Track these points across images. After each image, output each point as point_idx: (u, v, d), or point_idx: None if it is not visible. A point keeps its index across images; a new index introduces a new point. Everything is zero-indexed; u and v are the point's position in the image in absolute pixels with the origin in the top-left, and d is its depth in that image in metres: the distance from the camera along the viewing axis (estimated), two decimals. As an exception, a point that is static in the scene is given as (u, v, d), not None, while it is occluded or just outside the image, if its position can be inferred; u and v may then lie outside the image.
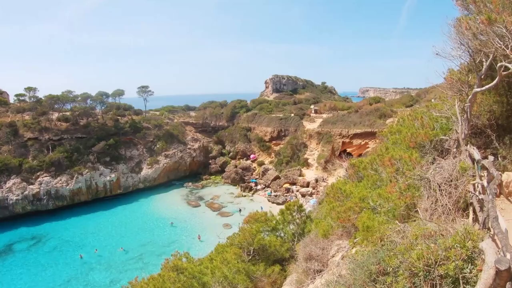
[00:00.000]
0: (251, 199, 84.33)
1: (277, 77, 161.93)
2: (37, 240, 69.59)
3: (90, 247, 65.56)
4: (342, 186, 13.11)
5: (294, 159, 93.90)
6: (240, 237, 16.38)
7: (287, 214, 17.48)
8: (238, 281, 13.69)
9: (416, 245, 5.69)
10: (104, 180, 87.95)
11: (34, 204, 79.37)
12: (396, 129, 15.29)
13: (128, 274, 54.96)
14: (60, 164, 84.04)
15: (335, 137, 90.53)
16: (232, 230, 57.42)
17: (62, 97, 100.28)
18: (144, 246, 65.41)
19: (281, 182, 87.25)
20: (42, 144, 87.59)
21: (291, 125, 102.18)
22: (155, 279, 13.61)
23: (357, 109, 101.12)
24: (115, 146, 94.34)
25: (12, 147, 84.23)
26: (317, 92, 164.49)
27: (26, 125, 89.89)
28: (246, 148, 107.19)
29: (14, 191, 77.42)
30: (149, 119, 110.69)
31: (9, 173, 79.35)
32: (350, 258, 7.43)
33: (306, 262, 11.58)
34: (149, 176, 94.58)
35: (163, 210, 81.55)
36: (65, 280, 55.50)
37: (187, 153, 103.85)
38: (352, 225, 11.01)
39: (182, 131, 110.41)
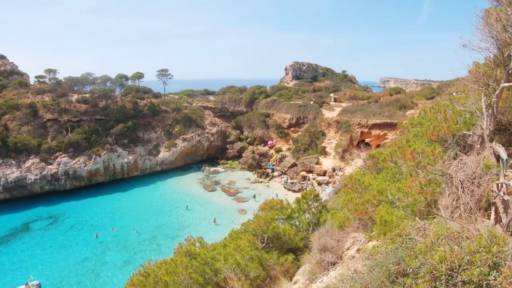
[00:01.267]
0: (267, 186, 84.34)
1: (297, 64, 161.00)
2: (54, 219, 70.49)
3: (106, 227, 66.31)
4: (360, 178, 12.86)
5: (311, 147, 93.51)
6: (254, 224, 16.26)
7: (303, 203, 17.30)
8: (251, 268, 13.58)
9: (438, 246, 5.46)
10: (121, 162, 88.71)
11: (52, 184, 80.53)
12: (418, 122, 14.98)
13: (142, 255, 55.65)
14: (78, 145, 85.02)
15: (354, 127, 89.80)
16: (247, 216, 57.62)
17: (82, 79, 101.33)
18: (158, 228, 65.94)
19: (298, 169, 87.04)
20: (61, 125, 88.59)
21: (310, 113, 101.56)
22: (167, 263, 13.54)
23: (377, 99, 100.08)
24: (134, 129, 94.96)
25: (31, 127, 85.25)
26: (337, 81, 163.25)
27: (46, 106, 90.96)
28: (264, 134, 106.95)
29: (33, 171, 78.41)
30: (168, 102, 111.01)
31: (28, 153, 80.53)
32: (367, 254, 7.21)
33: (321, 253, 11.40)
34: (166, 159, 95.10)
35: (179, 193, 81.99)
36: (81, 259, 56.24)
37: (205, 137, 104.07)
38: (369, 218, 10.79)
39: (201, 115, 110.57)
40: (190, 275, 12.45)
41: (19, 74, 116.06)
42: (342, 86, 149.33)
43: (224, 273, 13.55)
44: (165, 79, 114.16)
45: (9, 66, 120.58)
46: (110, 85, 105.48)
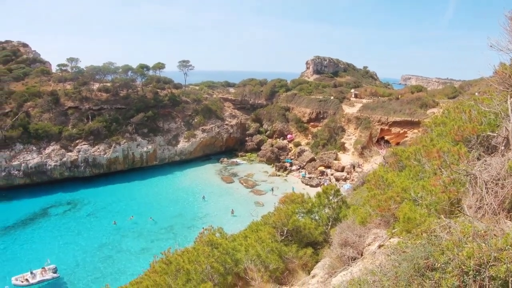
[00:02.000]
0: (285, 179, 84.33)
1: (319, 58, 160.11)
2: (73, 205, 71.41)
3: (123, 215, 67.09)
4: (384, 174, 12.90)
5: (330, 142, 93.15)
6: (275, 217, 16.38)
7: (324, 198, 17.36)
8: (271, 260, 13.74)
9: (465, 243, 5.57)
10: (141, 151, 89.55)
11: (72, 170, 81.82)
12: (441, 121, 14.95)
13: (158, 243, 56.39)
14: (99, 133, 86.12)
15: (374, 123, 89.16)
16: (264, 209, 57.80)
17: (104, 68, 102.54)
18: (175, 217, 66.52)
19: (316, 164, 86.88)
20: (82, 113, 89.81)
21: (330, 108, 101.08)
22: (189, 252, 13.76)
23: (398, 96, 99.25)
24: (154, 118, 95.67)
25: (52, 115, 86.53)
26: (358, 76, 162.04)
27: (67, 94, 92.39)
28: (283, 127, 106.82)
29: (53, 157, 79.56)
30: (189, 93, 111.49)
31: (49, 140, 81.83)
32: (392, 249, 7.31)
33: (341, 247, 11.48)
34: (185, 149, 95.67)
35: (196, 183, 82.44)
36: (98, 245, 57.02)
37: (224, 129, 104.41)
38: (391, 215, 10.84)
39: (221, 107, 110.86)
40: (212, 264, 12.67)
41: (41, 62, 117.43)
42: (363, 82, 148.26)
43: (244, 264, 13.72)
44: (186, 70, 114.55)
45: (31, 54, 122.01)
46: (131, 74, 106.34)
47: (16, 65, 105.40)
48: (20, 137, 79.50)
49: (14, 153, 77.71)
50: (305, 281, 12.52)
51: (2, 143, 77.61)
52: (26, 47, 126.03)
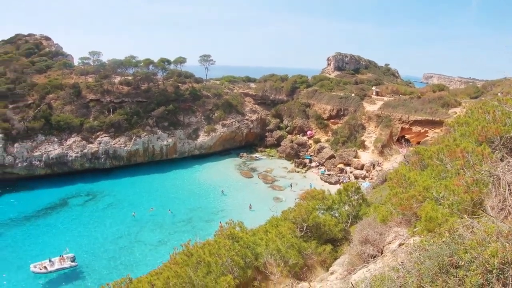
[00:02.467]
0: (304, 176, 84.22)
1: (340, 55, 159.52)
2: (92, 196, 72.24)
3: (142, 207, 67.72)
4: (406, 173, 12.89)
5: (350, 139, 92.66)
6: (295, 213, 16.46)
7: (344, 195, 17.39)
8: (291, 255, 13.83)
9: (488, 242, 5.62)
10: (161, 144, 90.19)
11: (92, 162, 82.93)
12: (464, 121, 14.87)
13: (176, 236, 56.85)
14: (119, 125, 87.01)
15: (395, 122, 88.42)
16: (283, 204, 57.87)
17: (125, 62, 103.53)
18: (194, 210, 66.93)
19: (336, 161, 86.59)
20: (103, 106, 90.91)
21: (351, 105, 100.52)
22: (210, 245, 13.89)
23: (420, 95, 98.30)
24: (174, 112, 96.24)
25: (74, 107, 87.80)
26: (379, 74, 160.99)
27: (89, 87, 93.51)
28: (303, 124, 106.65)
29: (74, 148, 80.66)
30: (209, 87, 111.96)
31: (70, 131, 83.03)
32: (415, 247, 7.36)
33: (361, 245, 11.52)
34: (205, 143, 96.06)
35: (215, 177, 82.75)
36: (116, 236, 57.73)
37: (245, 124, 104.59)
38: (413, 214, 10.85)
39: (241, 102, 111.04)
40: (232, 258, 12.78)
41: (63, 55, 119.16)
42: (384, 80, 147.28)
43: (264, 258, 13.83)
44: (207, 65, 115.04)
45: (54, 48, 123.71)
46: (152, 68, 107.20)
47: (39, 58, 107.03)
48: (42, 128, 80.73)
49: (35, 144, 78.94)
50: (324, 278, 12.57)
51: (24, 134, 78.84)
52: (49, 40, 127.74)
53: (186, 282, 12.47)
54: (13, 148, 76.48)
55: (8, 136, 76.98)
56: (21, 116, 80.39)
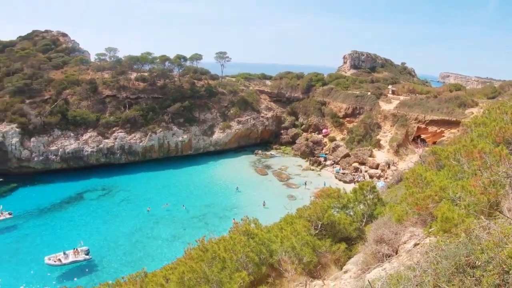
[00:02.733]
0: (318, 174, 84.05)
1: (356, 53, 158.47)
2: (108, 191, 72.85)
3: (157, 202, 68.13)
4: (423, 173, 12.85)
5: (366, 138, 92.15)
6: (310, 210, 16.47)
7: (360, 194, 17.37)
8: (305, 253, 13.86)
9: (505, 243, 5.63)
10: (176, 140, 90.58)
11: (108, 157, 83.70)
12: (481, 121, 14.79)
13: (190, 231, 57.20)
14: (135, 121, 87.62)
15: (411, 121, 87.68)
16: (297, 202, 57.80)
17: (141, 58, 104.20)
18: (207, 207, 67.21)
19: (351, 160, 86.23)
20: (120, 102, 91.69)
21: (367, 104, 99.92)
22: (226, 241, 13.99)
23: (436, 94, 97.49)
24: (190, 109, 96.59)
25: (91, 102, 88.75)
26: (395, 73, 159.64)
27: (105, 83, 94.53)
28: (319, 122, 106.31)
29: (90, 143, 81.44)
30: (225, 84, 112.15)
31: (86, 127, 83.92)
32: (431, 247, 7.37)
33: (376, 244, 11.51)
34: (220, 140, 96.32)
35: (230, 174, 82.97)
36: (131, 231, 58.20)
37: (260, 121, 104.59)
38: (428, 214, 10.82)
39: (257, 99, 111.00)
40: (247, 254, 12.87)
41: (80, 51, 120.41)
42: (400, 79, 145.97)
43: (278, 255, 13.89)
44: (223, 62, 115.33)
45: (70, 44, 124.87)
46: (168, 65, 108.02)
47: (56, 54, 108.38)
48: (58, 123, 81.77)
49: (52, 139, 79.87)
50: (338, 276, 12.59)
51: (41, 129, 79.87)
52: (66, 36, 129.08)
53: (201, 277, 12.57)
54: (30, 143, 77.43)
55: (25, 131, 78.02)
56: (38, 111, 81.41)
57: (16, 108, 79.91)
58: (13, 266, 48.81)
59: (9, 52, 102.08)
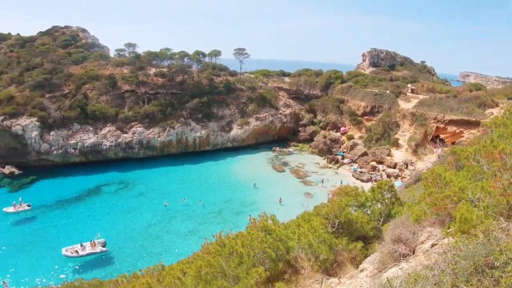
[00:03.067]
0: (335, 172, 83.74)
1: (375, 51, 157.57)
2: (125, 184, 73.60)
3: (174, 197, 68.58)
4: (442, 173, 12.78)
5: (384, 137, 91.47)
6: (328, 208, 16.47)
7: (377, 193, 17.30)
8: (322, 251, 13.86)
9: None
10: (194, 136, 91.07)
11: (126, 151, 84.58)
12: (502, 122, 14.65)
13: (206, 227, 57.49)
14: (154, 116, 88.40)
15: (430, 121, 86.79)
16: (314, 200, 57.96)
17: (160, 54, 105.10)
18: (224, 202, 67.49)
19: (368, 159, 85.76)
20: (138, 97, 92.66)
21: (386, 102, 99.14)
22: (243, 236, 14.06)
23: (456, 94, 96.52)
24: (208, 104, 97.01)
25: (110, 97, 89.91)
26: (415, 71, 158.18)
27: (124, 78, 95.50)
28: (337, 120, 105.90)
29: (109, 137, 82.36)
30: (244, 81, 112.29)
31: (105, 121, 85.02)
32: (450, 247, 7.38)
33: (393, 243, 11.49)
34: (238, 136, 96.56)
35: (247, 170, 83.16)
36: (147, 224, 58.86)
37: (278, 118, 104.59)
38: (447, 215, 10.77)
39: (275, 96, 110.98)
40: (265, 250, 12.93)
41: (99, 47, 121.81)
42: (420, 77, 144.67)
43: (295, 252, 13.94)
44: (242, 58, 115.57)
45: (90, 39, 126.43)
46: (187, 61, 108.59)
47: (75, 49, 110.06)
48: (77, 117, 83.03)
49: (71, 133, 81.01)
50: (354, 275, 12.60)
51: (60, 123, 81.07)
52: (85, 32, 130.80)
53: (218, 272, 12.68)
54: (49, 136, 78.55)
55: (45, 124, 79.23)
56: (58, 105, 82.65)
57: (36, 102, 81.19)
58: (30, 256, 49.64)
59: (30, 47, 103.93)
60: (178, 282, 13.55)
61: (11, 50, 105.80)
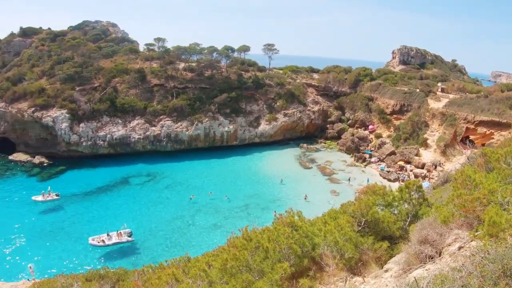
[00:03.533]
0: (362, 170, 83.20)
1: (405, 48, 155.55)
2: (152, 177, 74.53)
3: (200, 191, 69.18)
4: (471, 174, 12.65)
5: (413, 137, 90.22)
6: (354, 206, 16.42)
7: (405, 193, 17.16)
8: (347, 249, 13.85)
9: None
10: (222, 130, 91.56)
11: (154, 144, 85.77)
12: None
13: (231, 221, 57.92)
14: (182, 110, 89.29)
15: (459, 121, 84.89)
16: (340, 198, 57.74)
17: (189, 49, 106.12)
18: (250, 197, 67.72)
19: (396, 158, 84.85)
20: (167, 91, 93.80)
21: (415, 101, 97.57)
22: (270, 231, 14.16)
23: (487, 94, 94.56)
24: (236, 99, 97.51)
25: (139, 91, 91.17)
26: (445, 70, 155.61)
27: (154, 72, 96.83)
28: (365, 117, 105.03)
29: (137, 130, 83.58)
30: (272, 76, 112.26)
31: (134, 114, 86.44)
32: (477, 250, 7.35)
33: (420, 244, 11.44)
34: (266, 132, 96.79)
35: (274, 166, 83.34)
36: (173, 217, 59.58)
37: (306, 114, 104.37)
38: (475, 217, 10.67)
39: (303, 92, 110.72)
40: (291, 245, 12.99)
41: (129, 41, 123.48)
42: (450, 76, 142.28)
43: (321, 249, 13.97)
44: (271, 54, 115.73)
45: (120, 34, 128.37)
46: (216, 56, 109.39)
47: (105, 44, 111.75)
48: (107, 110, 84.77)
49: (100, 125, 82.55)
50: (378, 274, 12.56)
51: (89, 115, 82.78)
52: (115, 27, 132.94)
53: (243, 266, 12.80)
54: (79, 128, 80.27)
55: (75, 116, 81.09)
56: (88, 98, 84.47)
57: (66, 95, 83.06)
58: (57, 244, 50.84)
59: (61, 42, 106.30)
60: (203, 274, 13.71)
61: (42, 44, 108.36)
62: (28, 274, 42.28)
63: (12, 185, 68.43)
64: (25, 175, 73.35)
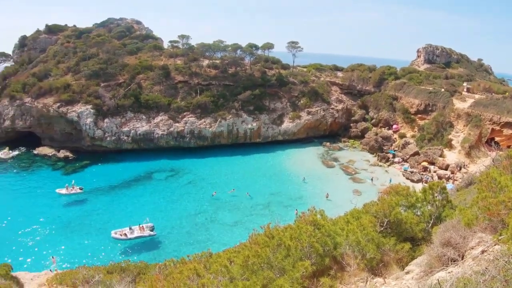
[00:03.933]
0: (385, 170, 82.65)
1: (431, 47, 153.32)
2: (175, 172, 75.31)
3: (222, 187, 69.58)
4: (497, 177, 12.50)
5: (437, 137, 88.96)
6: (377, 206, 16.35)
7: (429, 194, 17.01)
8: (369, 249, 13.83)
9: None
10: (245, 128, 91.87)
11: (177, 140, 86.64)
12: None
13: (253, 218, 58.17)
14: (206, 107, 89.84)
15: (485, 122, 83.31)
16: (362, 197, 57.43)
17: (213, 46, 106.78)
18: (273, 195, 67.88)
19: (420, 159, 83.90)
20: (191, 88, 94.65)
21: (440, 101, 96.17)
22: (292, 229, 14.22)
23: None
24: (260, 97, 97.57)
25: (163, 87, 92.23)
26: (471, 69, 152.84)
27: (178, 69, 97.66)
28: (389, 117, 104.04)
29: (161, 126, 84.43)
30: (296, 74, 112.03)
31: (158, 110, 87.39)
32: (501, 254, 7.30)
33: (443, 247, 11.37)
34: (289, 129, 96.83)
35: (297, 164, 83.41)
36: (194, 212, 60.22)
37: (330, 113, 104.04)
38: (499, 221, 10.56)
39: (327, 90, 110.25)
40: (312, 244, 13.02)
41: (153, 38, 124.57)
42: (476, 76, 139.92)
43: (342, 249, 13.97)
44: (295, 51, 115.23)
45: (144, 31, 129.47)
46: (240, 53, 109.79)
47: (130, 40, 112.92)
48: (131, 106, 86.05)
49: (124, 120, 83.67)
50: (399, 276, 12.52)
51: (114, 111, 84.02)
52: (140, 24, 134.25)
53: (265, 263, 12.87)
54: (103, 123, 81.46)
55: (99, 112, 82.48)
56: (112, 94, 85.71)
57: (91, 91, 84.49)
58: (80, 237, 51.82)
59: (86, 38, 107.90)
60: (225, 270, 13.81)
61: (67, 41, 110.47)
62: (51, 265, 43.06)
63: (37, 178, 69.91)
64: (49, 168, 74.80)
